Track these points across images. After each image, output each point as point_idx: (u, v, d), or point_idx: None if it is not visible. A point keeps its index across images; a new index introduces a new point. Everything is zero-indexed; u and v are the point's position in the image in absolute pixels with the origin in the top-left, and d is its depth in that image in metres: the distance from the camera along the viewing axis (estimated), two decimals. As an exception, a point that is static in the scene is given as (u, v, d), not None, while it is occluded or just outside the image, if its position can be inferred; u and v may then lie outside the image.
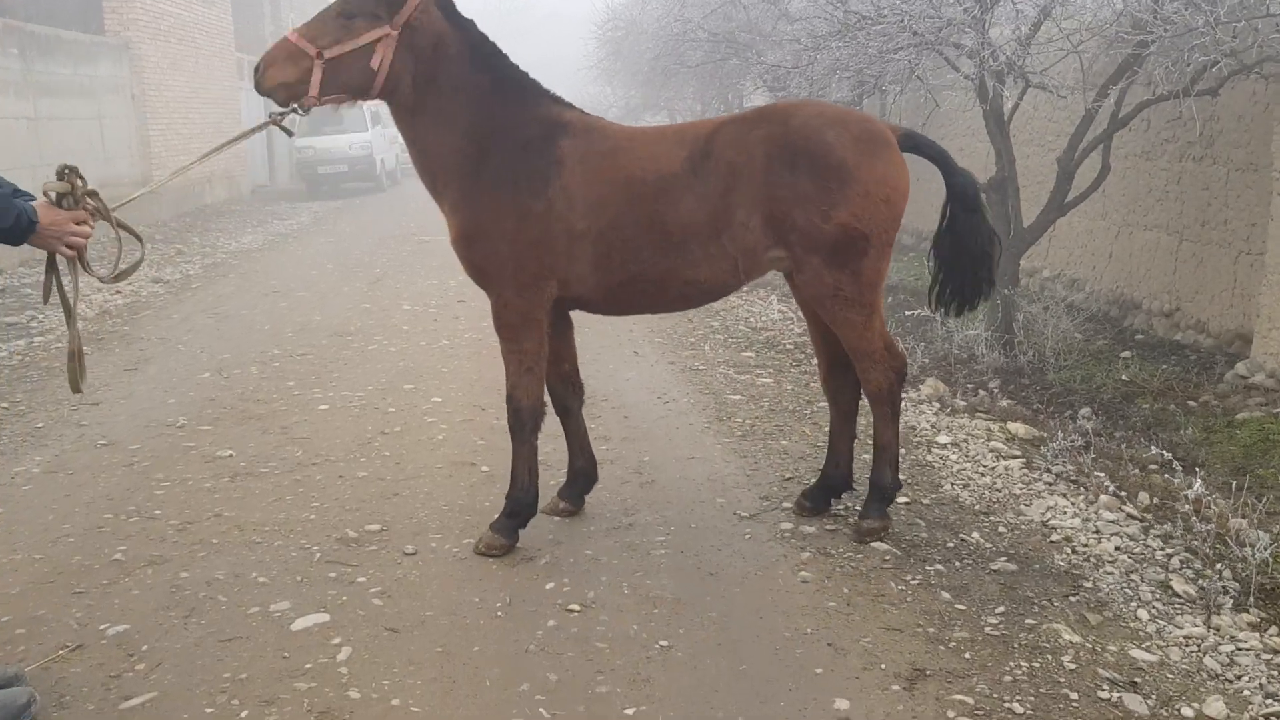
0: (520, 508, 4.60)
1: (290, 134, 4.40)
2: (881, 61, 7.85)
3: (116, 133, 17.35)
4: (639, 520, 4.92)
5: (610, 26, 21.60)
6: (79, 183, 3.23)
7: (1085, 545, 4.78)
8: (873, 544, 4.62)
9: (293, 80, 4.12)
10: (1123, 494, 5.51)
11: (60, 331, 9.16)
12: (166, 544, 4.64)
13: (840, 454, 4.96)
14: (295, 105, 4.18)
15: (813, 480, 5.35)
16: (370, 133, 25.37)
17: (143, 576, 4.31)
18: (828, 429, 6.23)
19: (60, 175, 3.21)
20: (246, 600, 4.10)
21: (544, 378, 4.55)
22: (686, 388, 7.28)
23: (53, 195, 3.19)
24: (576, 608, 4.03)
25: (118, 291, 11.25)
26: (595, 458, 5.04)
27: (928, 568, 4.42)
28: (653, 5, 15.91)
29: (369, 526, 4.80)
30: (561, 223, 4.26)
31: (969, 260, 4.68)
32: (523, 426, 4.53)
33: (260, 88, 4.14)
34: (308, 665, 3.62)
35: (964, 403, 7.21)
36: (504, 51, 4.47)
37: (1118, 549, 4.77)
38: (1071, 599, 4.21)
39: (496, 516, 4.62)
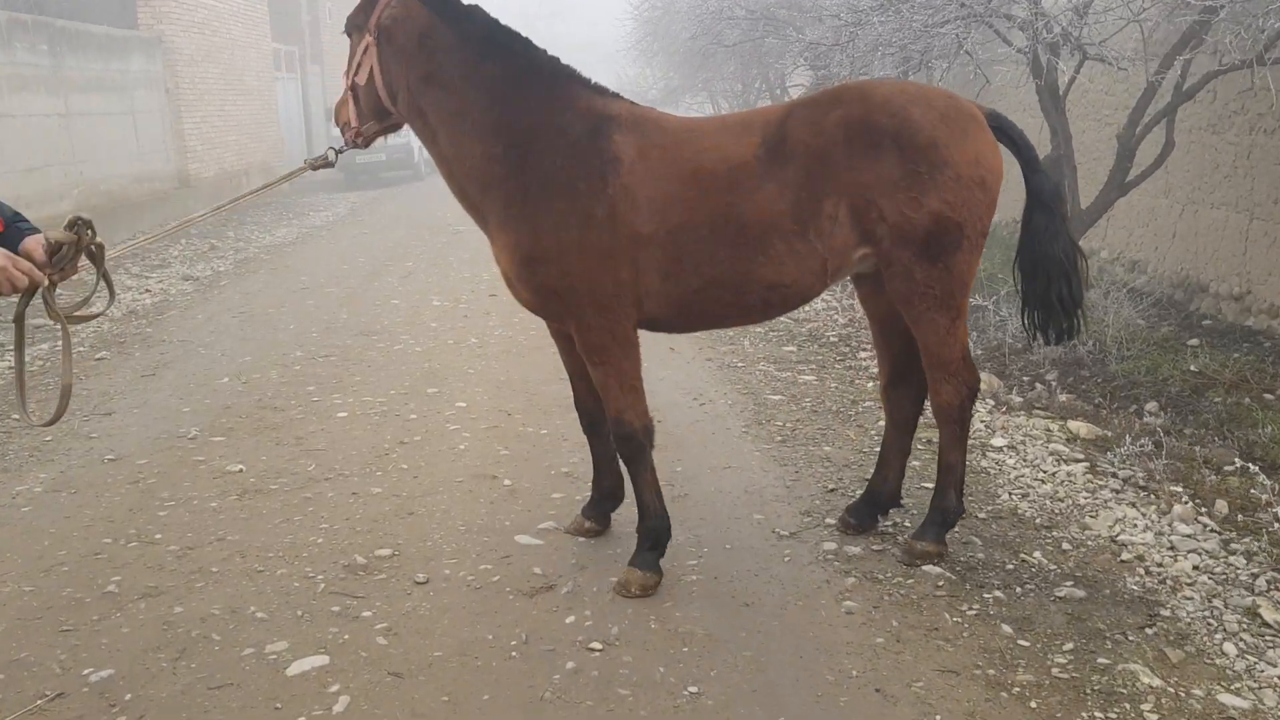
0: (660, 536, 4.15)
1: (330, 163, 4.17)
2: (927, 36, 7.37)
3: (150, 128, 17.21)
4: (670, 540, 4.55)
5: (647, 6, 21.12)
6: (88, 234, 2.96)
7: (1160, 565, 4.34)
8: (924, 567, 4.22)
9: (347, 117, 4.14)
10: (1198, 501, 5.07)
11: (85, 334, 8.94)
12: (164, 573, 4.34)
13: (890, 468, 4.56)
14: (332, 147, 4.11)
15: (858, 493, 4.96)
16: (407, 121, 25.06)
17: (135, 611, 4.01)
18: (875, 433, 5.88)
19: (71, 225, 2.93)
20: (241, 639, 3.78)
21: (644, 393, 4.09)
22: (724, 387, 6.89)
23: (46, 243, 2.91)
24: (598, 646, 3.68)
25: (147, 290, 11.07)
26: (623, 474, 4.60)
27: (985, 595, 4.01)
28: (689, -16, 15.48)
29: (379, 551, 4.47)
30: (626, 228, 3.79)
31: (1049, 274, 4.18)
32: (641, 450, 4.06)
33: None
34: (300, 719, 3.29)
35: (1020, 399, 6.76)
36: (524, 36, 4.02)
37: (1196, 568, 4.33)
38: (1148, 631, 3.78)
39: (635, 553, 4.17)
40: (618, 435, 4.05)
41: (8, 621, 3.95)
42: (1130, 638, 3.72)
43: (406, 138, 24.75)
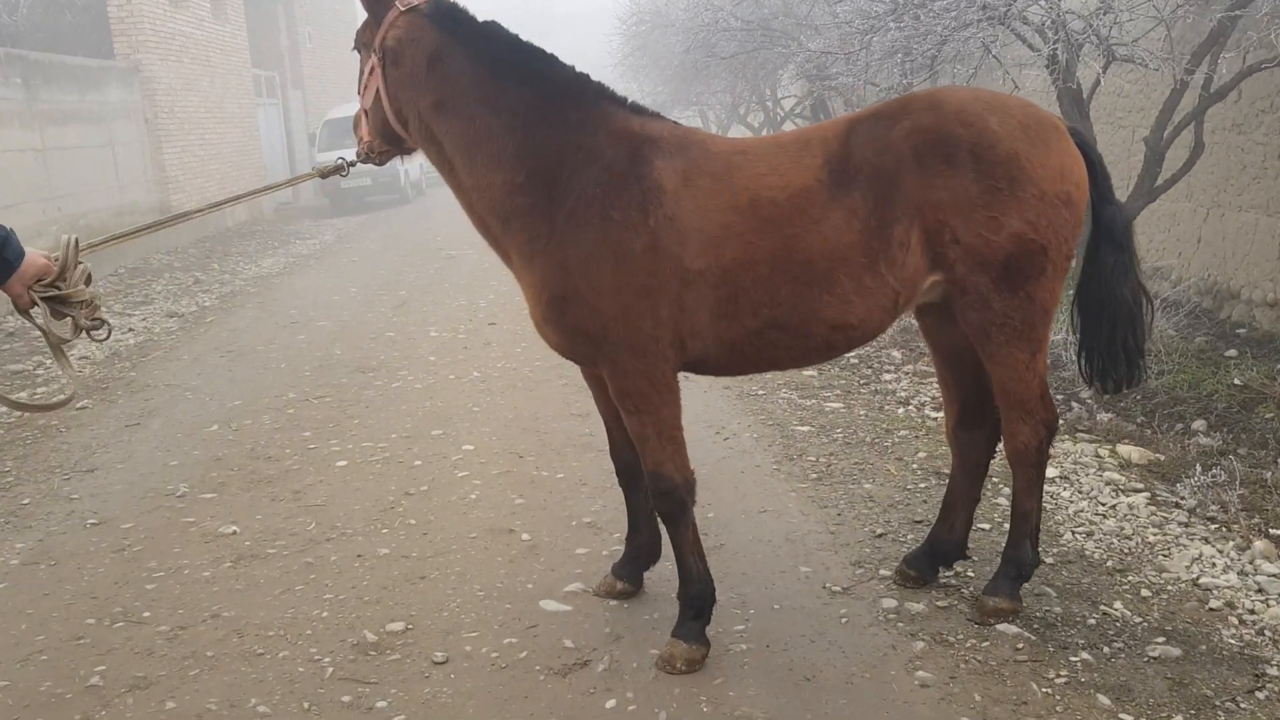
0: (704, 603, 3.72)
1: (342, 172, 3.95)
2: (948, 40, 6.99)
3: (129, 159, 16.77)
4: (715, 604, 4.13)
5: (635, 21, 20.79)
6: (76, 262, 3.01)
7: (1252, 612, 3.95)
8: (998, 626, 3.81)
9: (362, 131, 3.82)
10: (1272, 533, 4.68)
11: (64, 382, 8.49)
12: (153, 659, 3.90)
13: (958, 516, 4.14)
14: (342, 159, 3.86)
15: (909, 538, 4.56)
16: (392, 144, 24.68)
17: (122, 708, 3.58)
18: (917, 467, 5.47)
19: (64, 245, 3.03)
20: (242, 741, 3.35)
21: (684, 444, 3.65)
22: (747, 418, 6.48)
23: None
24: (647, 738, 3.26)
25: (130, 329, 10.61)
26: (660, 531, 4.16)
27: (1072, 658, 3.60)
28: (679, -4, 15.14)
29: (391, 625, 4.04)
30: (670, 263, 3.38)
31: (1115, 317, 3.79)
32: (683, 507, 3.64)
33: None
34: (313, 842, 2.87)
35: (1061, 421, 6.36)
36: (547, 52, 3.61)
37: (1292, 614, 3.93)
38: (1259, 695, 3.38)
39: (678, 623, 3.72)
40: (656, 491, 3.62)
41: (-22, 726, 3.51)
42: (1243, 705, 3.32)
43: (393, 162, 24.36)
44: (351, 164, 3.82)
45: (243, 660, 3.86)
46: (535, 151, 3.45)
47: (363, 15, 3.76)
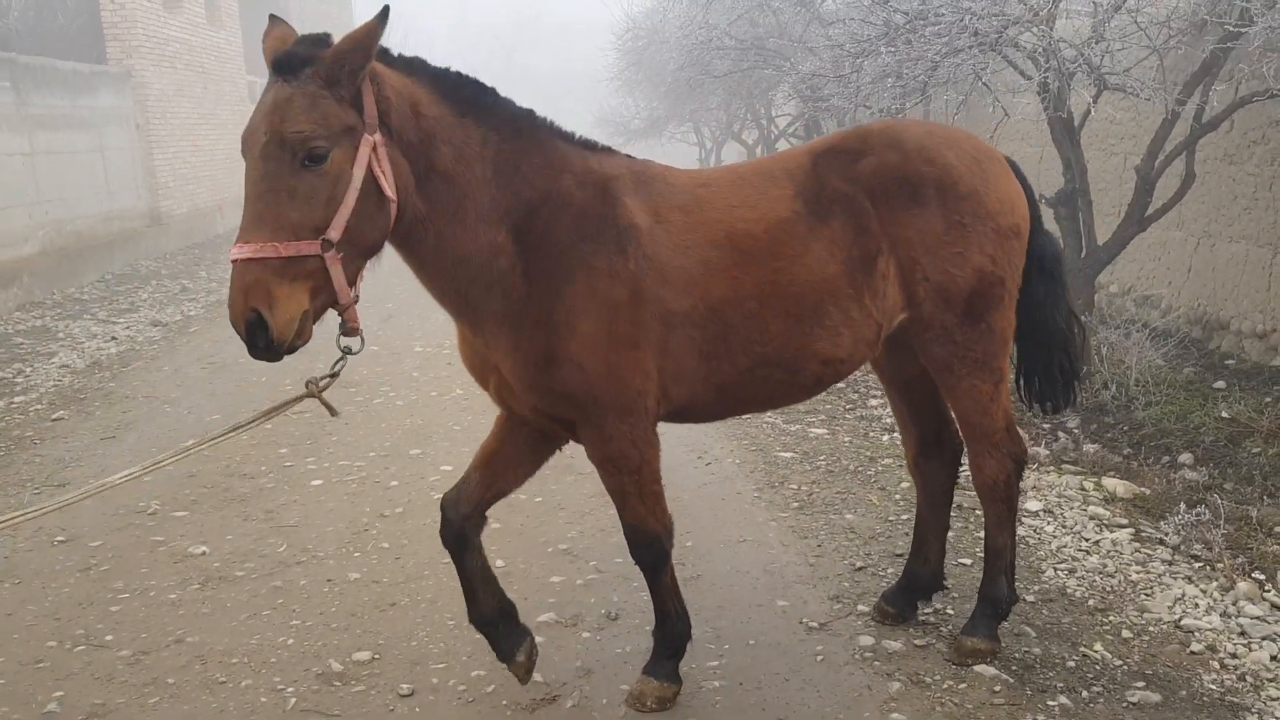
0: (680, 642, 3.60)
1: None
2: (939, 66, 6.95)
3: (120, 165, 16.66)
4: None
5: (631, 36, 20.76)
6: None
7: (1234, 657, 3.89)
8: (976, 668, 3.73)
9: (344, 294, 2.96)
10: (1259, 574, 4.61)
11: (44, 389, 8.39)
12: (113, 685, 3.81)
13: (930, 549, 4.08)
14: (346, 349, 3.06)
15: (892, 573, 4.49)
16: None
17: (76, 737, 3.49)
18: (900, 497, 5.41)
19: None
20: (198, 775, 3.26)
21: (663, 491, 3.47)
22: (730, 444, 6.41)
23: None
24: (614, 782, 3.18)
25: (112, 338, 10.51)
26: (501, 594, 3.65)
27: (1050, 702, 3.53)
28: (675, 13, 15.08)
29: (358, 655, 3.95)
30: (655, 307, 3.18)
31: (1050, 343, 3.85)
32: (665, 556, 3.47)
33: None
34: None
35: (1046, 451, 6.31)
36: (492, 88, 3.23)
37: (1275, 659, 3.89)
38: (1240, 745, 3.31)
39: (651, 660, 3.61)
40: (637, 544, 3.44)
41: (-73, 754, 3.42)
42: (1222, 755, 3.25)
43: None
44: (350, 354, 3.10)
45: (204, 689, 3.77)
46: (513, 204, 3.12)
47: (362, 14, 3.30)
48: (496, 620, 3.56)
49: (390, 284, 13.34)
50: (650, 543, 3.42)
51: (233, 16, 23.06)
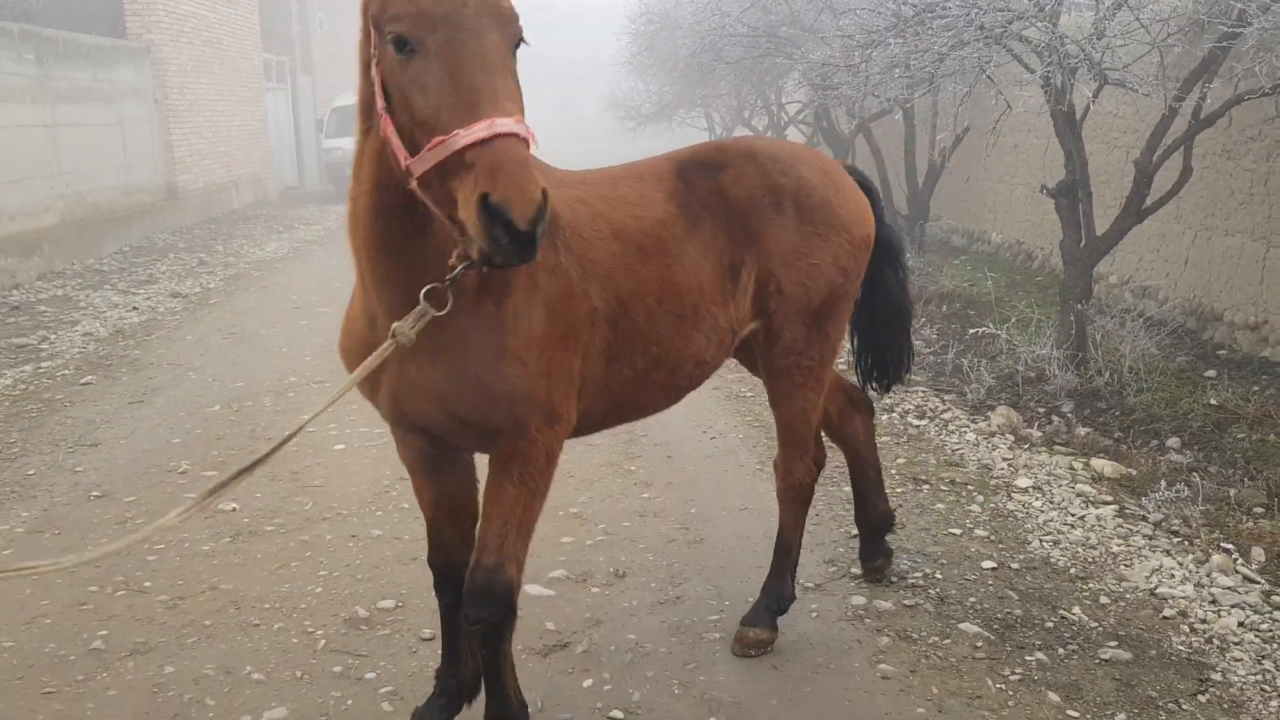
0: None
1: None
2: (944, 58, 7.17)
3: (138, 138, 16.92)
4: (688, 591, 4.33)
5: (644, 20, 20.95)
6: None
7: (1204, 622, 4.14)
8: (960, 626, 4.00)
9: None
10: (1233, 548, 4.86)
11: (70, 355, 8.67)
12: (154, 626, 4.08)
13: (871, 492, 4.38)
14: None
15: (885, 539, 4.75)
16: (399, 133, 24.89)
17: (123, 671, 3.76)
18: (895, 471, 5.66)
19: None
20: (237, 705, 3.53)
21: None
22: (734, 419, 6.67)
23: None
24: (619, 715, 3.45)
25: (134, 308, 10.79)
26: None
27: (1027, 657, 3.79)
28: (688, -1, 15.32)
29: (382, 603, 4.23)
30: (581, 302, 2.99)
31: (900, 325, 4.17)
32: (511, 617, 3.02)
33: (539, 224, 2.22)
34: (302, 800, 3.05)
35: (1039, 433, 6.55)
36: None
37: (1241, 625, 4.13)
38: (1200, 698, 3.57)
39: None
40: (488, 594, 2.91)
41: (-14, 682, 3.69)
42: (1184, 706, 3.51)
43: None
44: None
45: (239, 630, 4.04)
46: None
47: None
48: (475, 688, 3.34)
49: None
50: (505, 594, 2.93)
51: (250, -7, 23.26)
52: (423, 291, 2.57)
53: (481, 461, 3.12)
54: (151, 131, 17.55)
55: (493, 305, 2.80)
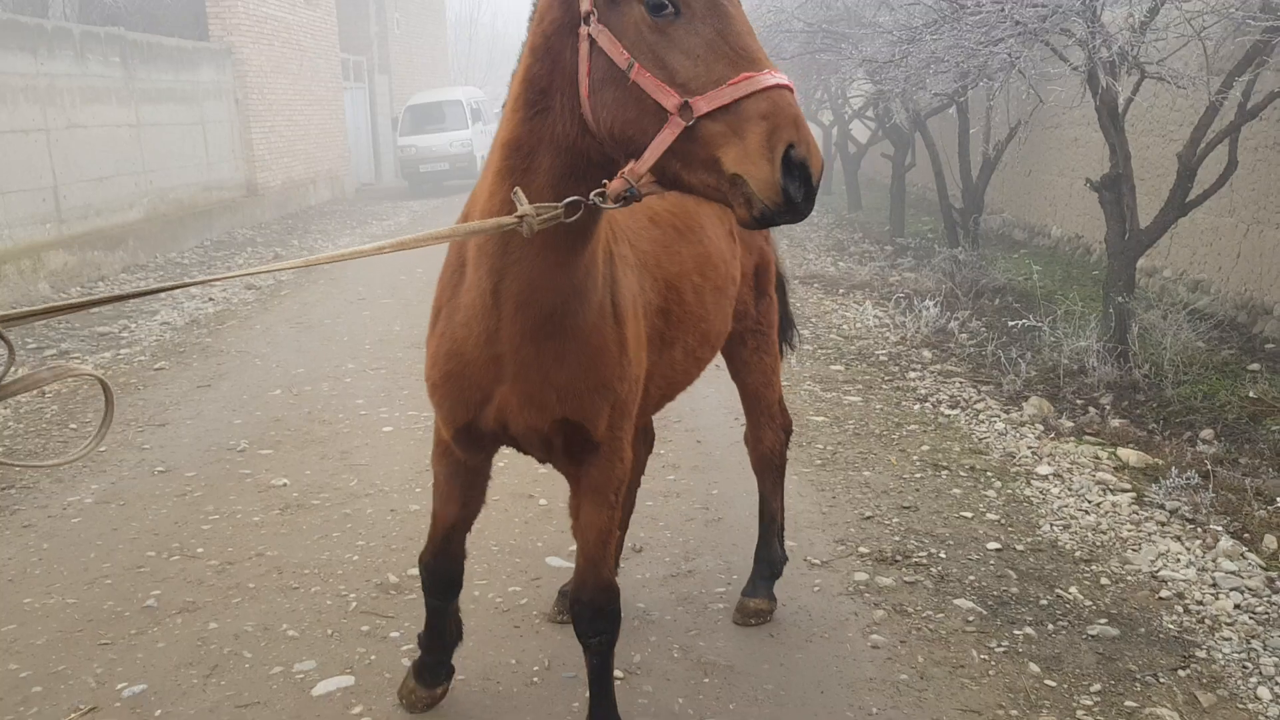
0: None
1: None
2: (982, 53, 7.28)
3: (219, 137, 17.59)
4: (700, 566, 4.56)
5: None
6: None
7: (1200, 603, 4.25)
8: (955, 601, 4.17)
9: None
10: (1246, 536, 4.94)
11: (148, 343, 9.17)
12: (202, 588, 4.43)
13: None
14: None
15: (897, 522, 4.95)
16: (471, 130, 25.44)
17: (171, 626, 4.11)
18: (917, 459, 5.81)
19: None
20: (271, 657, 3.85)
21: None
22: (767, 407, 6.86)
23: None
24: (619, 675, 3.68)
25: (210, 299, 11.31)
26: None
27: (1016, 631, 3.95)
28: (749, -5, 15.48)
29: (412, 570, 4.52)
30: (641, 296, 2.98)
31: (785, 293, 4.31)
32: (618, 625, 3.16)
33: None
34: (321, 740, 3.35)
35: (1071, 423, 6.64)
36: None
37: (1238, 607, 4.23)
38: (1180, 673, 3.70)
39: None
40: (607, 612, 3.05)
41: (50, 634, 4.06)
42: (1161, 680, 3.64)
43: (470, 147, 25.04)
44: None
45: (279, 593, 4.37)
46: None
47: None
48: (451, 649, 3.54)
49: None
50: (616, 611, 3.07)
51: (328, -5, 23.93)
52: (565, 201, 2.38)
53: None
54: (232, 130, 18.22)
55: (611, 306, 2.78)
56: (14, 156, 11.52)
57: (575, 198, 2.39)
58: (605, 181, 2.34)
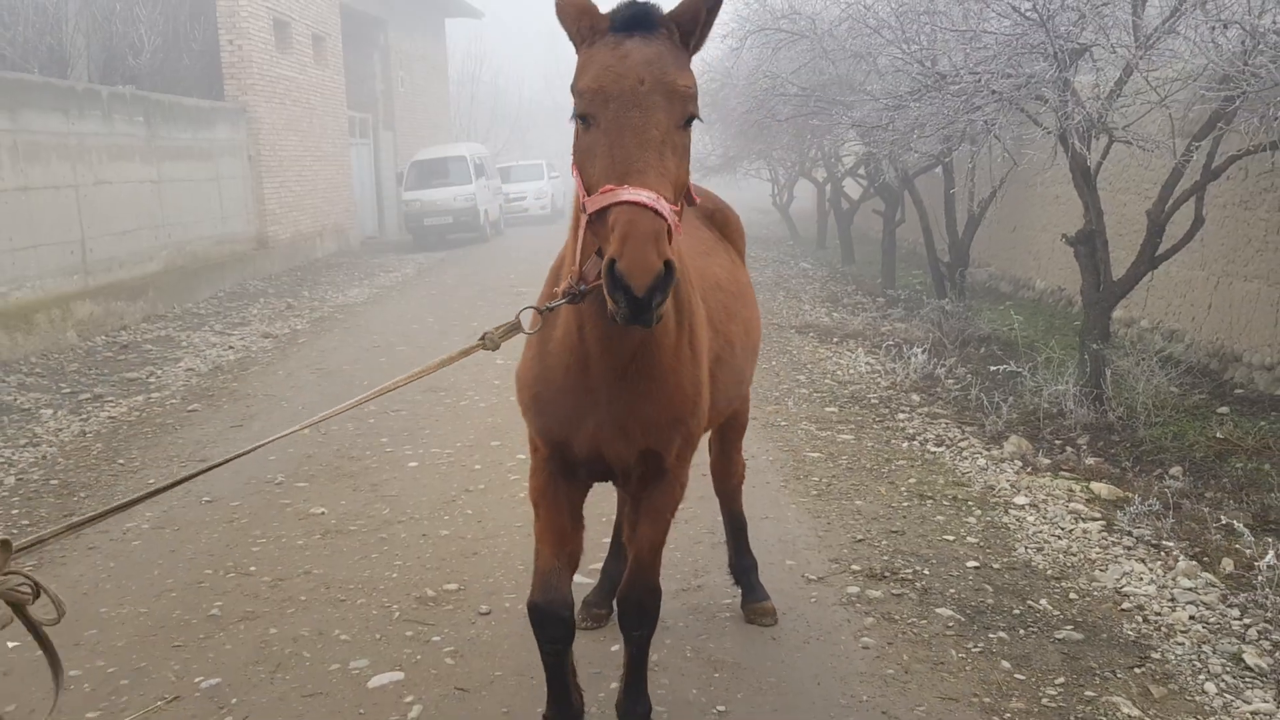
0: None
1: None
2: (962, 120, 7.89)
3: (233, 192, 18.22)
4: (708, 582, 5.04)
5: (706, 78, 21.87)
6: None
7: (1158, 614, 4.73)
8: (937, 610, 4.65)
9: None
10: (1205, 560, 5.43)
11: (176, 387, 9.67)
12: (259, 600, 4.91)
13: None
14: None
15: (886, 544, 5.42)
16: (474, 185, 26.13)
17: (235, 631, 4.58)
18: (905, 490, 6.31)
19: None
20: (328, 657, 4.32)
21: None
22: (766, 444, 7.37)
23: None
24: (639, 670, 4.16)
25: (230, 347, 11.82)
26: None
27: (990, 635, 4.44)
28: (745, 57, 16.16)
29: (447, 586, 5.00)
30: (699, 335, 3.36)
31: None
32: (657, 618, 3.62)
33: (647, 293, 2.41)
34: (380, 723, 3.82)
35: (1048, 460, 7.15)
36: None
37: (1192, 618, 4.71)
38: (1136, 670, 4.18)
39: None
40: (651, 609, 3.50)
41: (128, 637, 4.53)
42: (1119, 675, 4.12)
43: (473, 202, 25.71)
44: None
45: (329, 605, 4.84)
46: None
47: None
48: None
49: (476, 305, 14.56)
50: (657, 609, 3.53)
51: (337, 56, 24.73)
52: (519, 311, 3.01)
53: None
54: (245, 186, 18.85)
55: (688, 346, 3.13)
56: (46, 211, 12.09)
57: (528, 306, 3.02)
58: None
